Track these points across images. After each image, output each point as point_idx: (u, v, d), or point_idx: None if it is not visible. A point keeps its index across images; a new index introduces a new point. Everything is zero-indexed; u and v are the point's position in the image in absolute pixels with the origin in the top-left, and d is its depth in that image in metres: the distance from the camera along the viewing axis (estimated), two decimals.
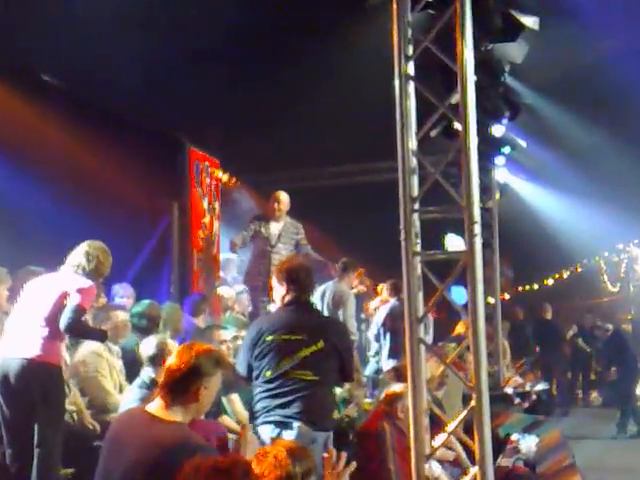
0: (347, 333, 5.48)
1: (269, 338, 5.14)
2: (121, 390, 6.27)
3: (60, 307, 5.46)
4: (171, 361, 3.54)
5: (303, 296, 5.26)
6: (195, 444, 3.39)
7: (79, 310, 5.45)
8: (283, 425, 4.98)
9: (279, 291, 5.35)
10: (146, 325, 6.88)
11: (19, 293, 5.78)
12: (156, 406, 3.49)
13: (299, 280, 5.24)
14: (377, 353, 9.74)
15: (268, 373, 5.09)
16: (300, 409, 4.98)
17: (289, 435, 4.90)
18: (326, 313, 8.97)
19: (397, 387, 5.87)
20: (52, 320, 5.45)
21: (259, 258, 9.07)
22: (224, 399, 6.68)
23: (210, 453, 3.43)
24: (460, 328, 9.98)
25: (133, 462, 3.32)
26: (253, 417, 5.26)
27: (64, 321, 5.39)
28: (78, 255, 5.69)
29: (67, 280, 5.61)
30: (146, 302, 7.10)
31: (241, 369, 5.32)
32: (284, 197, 9.12)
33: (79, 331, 5.64)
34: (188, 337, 7.17)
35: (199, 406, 3.52)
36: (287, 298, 5.29)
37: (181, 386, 3.46)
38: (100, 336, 5.88)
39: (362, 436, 5.71)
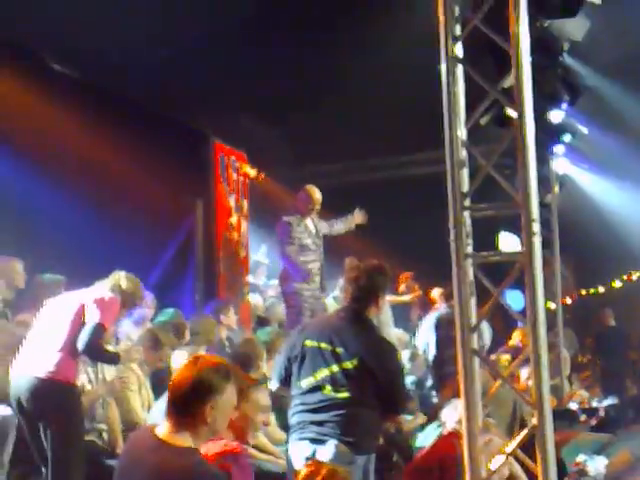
0: (392, 357, 5.30)
1: (308, 343, 5.16)
2: (149, 409, 6.38)
3: (79, 322, 5.58)
4: (174, 377, 3.38)
5: (359, 306, 5.24)
6: (205, 473, 3.29)
7: (99, 329, 5.56)
8: (318, 442, 5.00)
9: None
10: (174, 335, 7.02)
11: (36, 304, 5.92)
12: (164, 429, 3.31)
13: (358, 287, 5.24)
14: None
15: (303, 384, 5.11)
16: (337, 428, 4.99)
17: (324, 454, 4.92)
18: None
19: None
20: (69, 336, 5.55)
21: (310, 256, 8.58)
22: None
23: None
24: (516, 337, 9.91)
25: None
26: (288, 432, 5.29)
27: (82, 341, 5.51)
28: (112, 277, 5.89)
29: (89, 292, 5.76)
30: (170, 310, 7.24)
31: (275, 375, 5.35)
32: (319, 193, 9.03)
33: (96, 354, 5.73)
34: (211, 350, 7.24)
35: (210, 429, 3.31)
36: (344, 303, 5.29)
37: (185, 406, 3.27)
38: (114, 359, 5.94)
39: (441, 463, 5.54)
